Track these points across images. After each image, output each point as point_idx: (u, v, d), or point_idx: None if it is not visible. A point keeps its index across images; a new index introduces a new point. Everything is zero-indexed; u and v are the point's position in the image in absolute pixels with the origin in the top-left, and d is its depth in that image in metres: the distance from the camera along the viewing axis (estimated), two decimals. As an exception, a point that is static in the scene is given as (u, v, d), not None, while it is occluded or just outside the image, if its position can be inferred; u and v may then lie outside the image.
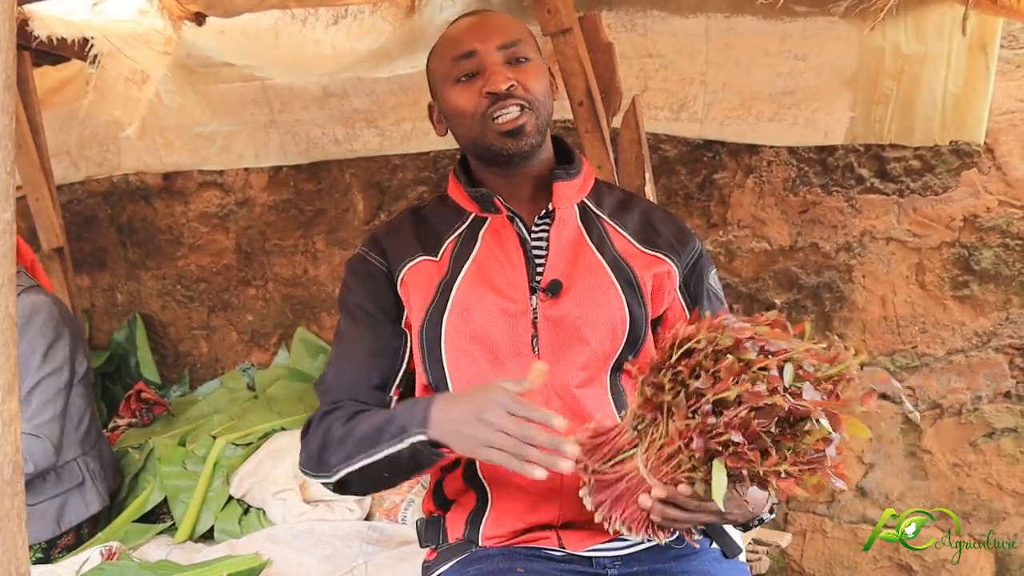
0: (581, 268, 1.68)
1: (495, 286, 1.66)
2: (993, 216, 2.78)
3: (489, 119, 1.63)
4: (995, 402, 2.86)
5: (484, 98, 1.62)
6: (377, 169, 3.58)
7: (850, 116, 2.75)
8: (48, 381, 2.65)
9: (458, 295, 1.65)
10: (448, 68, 1.68)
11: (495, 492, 1.65)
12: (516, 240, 1.69)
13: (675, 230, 1.79)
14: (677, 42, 2.80)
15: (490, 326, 1.64)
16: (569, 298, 1.65)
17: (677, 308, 1.75)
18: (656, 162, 3.10)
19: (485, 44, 1.65)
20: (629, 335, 1.66)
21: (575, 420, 1.61)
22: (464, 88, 1.66)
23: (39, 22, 2.57)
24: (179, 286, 4.02)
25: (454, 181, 1.78)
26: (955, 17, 2.52)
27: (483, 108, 1.63)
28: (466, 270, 1.68)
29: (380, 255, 1.75)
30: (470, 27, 1.70)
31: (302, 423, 2.93)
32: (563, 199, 1.72)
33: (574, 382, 1.64)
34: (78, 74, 3.43)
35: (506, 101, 1.61)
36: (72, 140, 3.80)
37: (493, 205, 1.71)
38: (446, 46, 1.71)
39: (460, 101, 1.66)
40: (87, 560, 2.34)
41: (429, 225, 1.77)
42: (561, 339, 1.64)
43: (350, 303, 1.75)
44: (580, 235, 1.72)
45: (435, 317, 1.66)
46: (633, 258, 1.71)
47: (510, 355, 1.64)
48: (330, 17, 2.64)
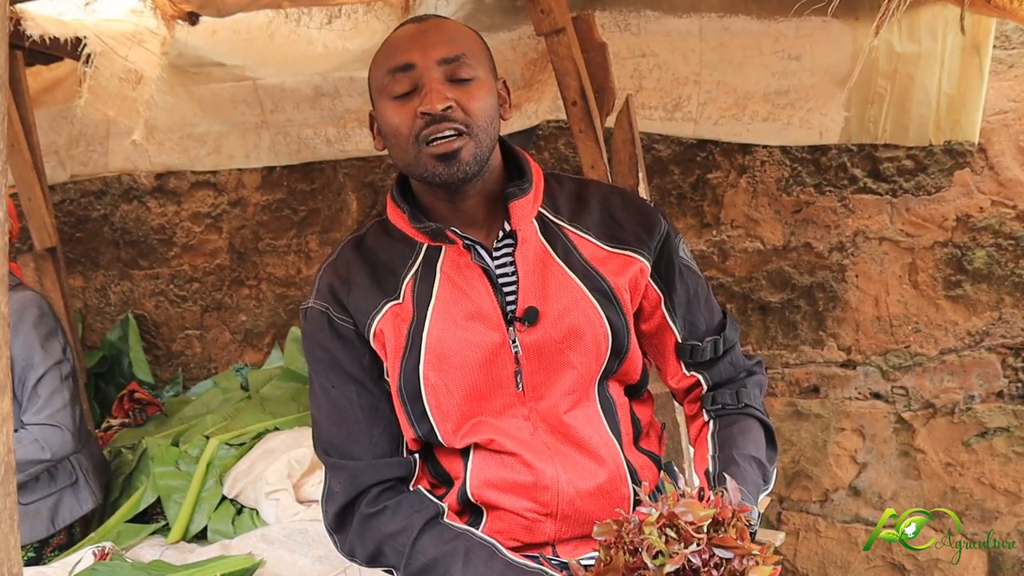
0: (553, 288, 1.58)
1: (466, 323, 1.57)
2: (986, 216, 2.78)
3: (423, 142, 1.48)
4: (988, 402, 2.87)
5: (419, 118, 1.48)
6: (371, 169, 3.58)
7: (844, 116, 2.76)
8: (52, 372, 2.67)
9: (430, 341, 1.56)
10: (383, 80, 1.54)
11: (490, 515, 1.62)
12: (478, 271, 1.57)
13: (637, 215, 1.68)
14: (671, 42, 2.80)
15: (470, 368, 1.56)
16: (547, 323, 1.57)
17: (652, 296, 1.68)
18: (650, 162, 3.10)
19: (425, 57, 1.50)
20: (613, 347, 1.61)
21: (566, 447, 1.60)
22: (399, 105, 1.51)
23: (31, 21, 2.56)
24: (172, 286, 4.01)
25: (395, 209, 1.64)
26: (948, 17, 2.53)
27: (417, 129, 1.48)
28: (432, 311, 1.57)
29: (342, 312, 1.61)
30: (411, 37, 1.55)
31: (295, 423, 2.98)
32: (521, 219, 1.59)
33: (562, 409, 1.60)
34: (70, 74, 3.42)
35: (441, 125, 1.47)
36: (61, 140, 3.78)
37: (446, 236, 1.57)
38: (383, 55, 1.56)
39: (394, 119, 1.51)
40: (80, 560, 2.34)
41: (379, 262, 1.63)
42: (544, 367, 1.59)
43: (328, 364, 1.64)
44: (545, 251, 1.60)
45: (411, 371, 1.57)
46: (602, 264, 1.62)
47: (494, 392, 1.59)
48: (324, 16, 2.63)
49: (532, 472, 1.58)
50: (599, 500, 1.60)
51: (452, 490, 1.64)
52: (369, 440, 1.62)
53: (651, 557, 1.24)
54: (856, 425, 3.05)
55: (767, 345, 3.13)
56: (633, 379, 1.71)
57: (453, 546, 1.52)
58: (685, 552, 1.23)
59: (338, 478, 1.62)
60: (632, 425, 1.71)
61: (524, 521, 1.60)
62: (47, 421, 2.61)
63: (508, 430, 1.59)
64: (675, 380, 1.75)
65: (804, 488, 3.16)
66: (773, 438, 1.71)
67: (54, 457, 2.61)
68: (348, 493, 1.60)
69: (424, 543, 1.53)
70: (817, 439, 3.11)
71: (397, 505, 1.58)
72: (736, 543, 1.27)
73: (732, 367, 1.74)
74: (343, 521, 1.61)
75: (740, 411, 1.71)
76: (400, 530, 1.55)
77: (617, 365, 1.64)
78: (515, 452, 1.58)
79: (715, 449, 1.65)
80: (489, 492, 1.60)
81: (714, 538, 1.26)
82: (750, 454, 1.61)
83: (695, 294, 1.71)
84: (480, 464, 1.60)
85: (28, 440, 2.57)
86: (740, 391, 1.72)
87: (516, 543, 1.61)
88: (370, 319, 1.59)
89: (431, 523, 1.55)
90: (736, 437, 1.65)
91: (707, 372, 1.72)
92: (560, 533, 1.62)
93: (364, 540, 1.59)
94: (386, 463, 1.61)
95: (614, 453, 1.63)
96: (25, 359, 2.64)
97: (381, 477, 1.59)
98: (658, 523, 1.27)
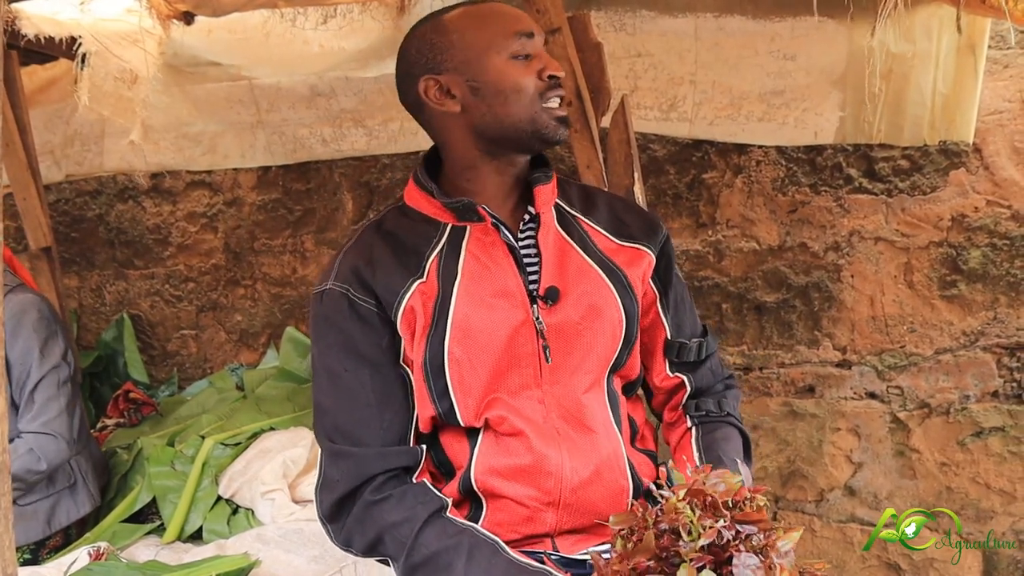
0: (572, 272, 1.64)
1: (492, 300, 1.60)
2: (981, 216, 2.79)
3: (546, 101, 1.58)
4: (983, 401, 2.87)
5: (542, 80, 1.58)
6: (366, 169, 3.57)
7: (840, 116, 2.76)
8: (49, 378, 2.65)
9: (456, 317, 1.58)
10: (503, 41, 1.58)
11: (491, 504, 1.63)
12: (504, 248, 1.62)
13: (641, 217, 1.78)
14: (666, 42, 2.81)
15: (495, 345, 1.59)
16: (567, 304, 1.62)
17: (649, 293, 1.74)
18: (645, 162, 3.10)
19: (539, 32, 1.62)
20: (626, 334, 1.66)
21: (576, 432, 1.62)
22: (524, 65, 1.58)
23: (27, 21, 2.56)
24: (167, 286, 4.00)
25: (419, 191, 1.68)
26: (943, 17, 2.53)
27: (542, 88, 1.58)
28: (458, 287, 1.60)
29: (366, 293, 1.61)
30: (520, 12, 1.65)
31: (291, 423, 2.97)
32: (545, 203, 1.66)
33: (581, 389, 1.63)
34: (66, 73, 3.41)
35: (557, 90, 1.59)
36: (57, 139, 3.78)
37: (475, 214, 1.62)
38: (499, 19, 1.61)
39: (520, 77, 1.57)
40: (75, 561, 2.33)
41: (403, 243, 1.65)
42: (565, 346, 1.62)
43: (343, 347, 1.62)
44: (562, 238, 1.68)
45: (436, 346, 1.58)
46: (616, 255, 1.69)
47: (513, 370, 1.61)
48: (319, 16, 2.63)
49: (534, 456, 1.58)
50: (599, 489, 1.62)
51: (454, 479, 1.64)
52: (380, 424, 1.61)
53: (686, 533, 1.25)
54: (851, 425, 3.06)
55: (762, 345, 3.13)
56: (633, 375, 1.75)
57: (456, 541, 1.52)
58: (717, 526, 1.24)
59: (339, 466, 1.60)
60: (629, 424, 1.73)
61: (525, 511, 1.61)
62: (41, 430, 2.59)
63: (521, 409, 1.61)
64: (660, 379, 1.80)
65: (799, 488, 3.16)
66: (750, 450, 1.78)
67: (50, 467, 2.60)
68: (351, 481, 1.58)
69: (427, 536, 1.53)
70: (812, 439, 3.11)
71: (402, 495, 1.57)
72: (760, 517, 1.28)
73: (712, 375, 1.81)
74: (340, 510, 1.60)
75: (722, 419, 1.77)
76: (403, 520, 1.54)
77: (626, 356, 1.69)
78: (522, 431, 1.59)
79: (701, 452, 1.70)
80: (493, 480, 1.60)
81: (736, 515, 1.27)
82: (733, 459, 1.64)
83: (682, 299, 1.80)
84: (486, 450, 1.61)
85: (24, 450, 2.55)
86: (721, 400, 1.79)
87: (516, 535, 1.62)
88: (398, 299, 1.60)
89: (435, 516, 1.55)
90: (720, 442, 1.71)
91: (691, 375, 1.78)
92: (561, 523, 1.62)
93: (365, 528, 1.58)
94: (394, 451, 1.60)
95: (615, 444, 1.65)
96: (23, 363, 2.62)
97: (388, 466, 1.59)
98: (686, 499, 1.28)
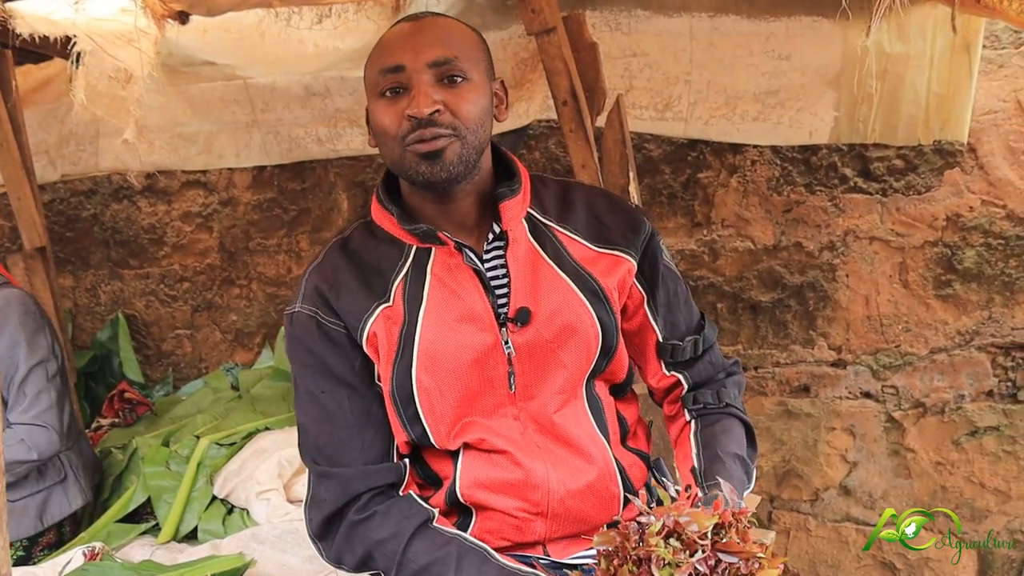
0: (545, 288, 1.59)
1: (458, 325, 1.56)
2: (976, 215, 2.79)
3: (409, 142, 1.48)
4: (978, 401, 2.88)
5: (406, 120, 1.47)
6: (361, 168, 3.57)
7: (835, 115, 2.76)
8: (37, 371, 2.66)
9: (422, 344, 1.55)
10: (375, 79, 1.53)
11: (479, 515, 1.62)
12: (469, 272, 1.57)
13: (622, 216, 1.69)
14: (661, 41, 2.81)
15: (463, 370, 1.56)
16: (539, 323, 1.57)
17: (635, 295, 1.69)
18: (640, 161, 3.10)
19: (416, 59, 1.49)
20: (602, 346, 1.62)
21: (556, 446, 1.60)
22: (388, 105, 1.51)
23: (21, 20, 2.55)
24: (162, 285, 3.99)
25: (382, 210, 1.64)
26: (938, 17, 2.54)
27: (404, 131, 1.48)
28: (423, 313, 1.56)
29: (332, 315, 1.59)
30: (404, 37, 1.53)
31: (286, 423, 2.97)
32: (512, 220, 1.60)
33: (552, 408, 1.60)
34: (60, 73, 3.41)
35: (428, 129, 1.46)
36: (51, 139, 3.77)
37: (436, 238, 1.57)
38: (377, 54, 1.55)
39: (383, 119, 1.51)
40: (70, 561, 2.33)
41: (367, 264, 1.62)
42: (536, 367, 1.59)
43: (317, 369, 1.61)
44: (535, 251, 1.61)
45: (403, 374, 1.56)
46: (592, 264, 1.63)
47: (485, 393, 1.58)
48: (314, 16, 2.62)
49: (523, 471, 1.57)
50: (589, 499, 1.60)
51: (440, 491, 1.63)
52: (360, 444, 1.59)
53: (658, 568, 1.25)
54: (846, 424, 3.06)
55: (757, 345, 3.13)
56: (619, 378, 1.72)
57: (445, 551, 1.51)
58: (692, 561, 1.23)
59: (326, 486, 1.59)
60: (619, 424, 1.72)
61: (514, 521, 1.60)
62: (33, 421, 2.61)
63: (498, 430, 1.59)
64: (655, 379, 1.77)
65: (794, 487, 3.16)
66: (753, 436, 1.73)
67: (41, 457, 2.62)
68: (337, 501, 1.58)
69: (415, 549, 1.52)
70: (807, 438, 3.11)
71: (387, 511, 1.56)
72: (740, 547, 1.27)
73: (711, 367, 1.76)
74: (329, 528, 1.59)
75: (721, 410, 1.73)
76: (390, 536, 1.53)
77: (605, 364, 1.65)
78: (505, 450, 1.58)
79: (699, 448, 1.66)
80: (479, 492, 1.59)
81: (718, 543, 1.27)
82: (734, 452, 1.63)
83: (675, 295, 1.73)
84: (470, 464, 1.60)
85: (14, 440, 2.57)
86: (720, 391, 1.74)
87: (506, 543, 1.61)
88: (362, 323, 1.57)
89: (422, 528, 1.54)
90: (719, 436, 1.67)
91: (687, 372, 1.74)
92: (551, 532, 1.61)
93: (353, 547, 1.57)
94: (376, 469, 1.59)
95: (603, 452, 1.63)
96: (10, 357, 2.63)
97: (372, 484, 1.58)
98: (661, 533, 1.27)
